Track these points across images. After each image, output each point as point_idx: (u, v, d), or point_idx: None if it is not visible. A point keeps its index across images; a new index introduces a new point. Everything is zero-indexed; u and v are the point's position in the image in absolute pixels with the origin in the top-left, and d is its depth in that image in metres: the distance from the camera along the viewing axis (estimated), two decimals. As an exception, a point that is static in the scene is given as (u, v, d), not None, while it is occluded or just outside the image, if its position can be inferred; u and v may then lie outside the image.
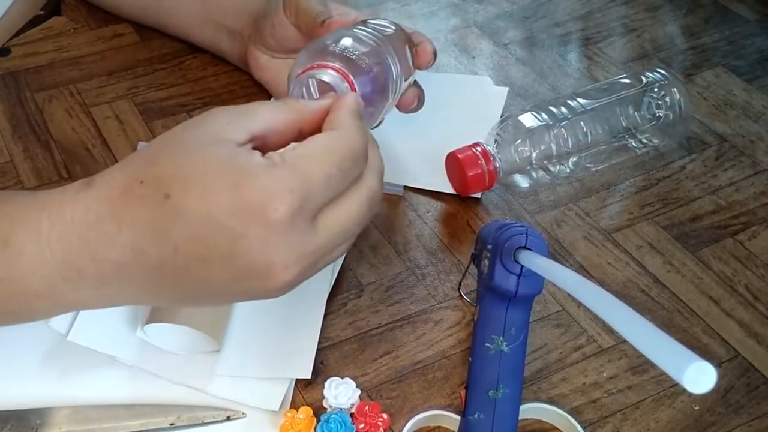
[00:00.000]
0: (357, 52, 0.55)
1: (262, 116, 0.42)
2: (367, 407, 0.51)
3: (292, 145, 0.41)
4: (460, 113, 0.75)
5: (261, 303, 0.57)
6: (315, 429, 0.50)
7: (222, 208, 0.37)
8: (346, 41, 0.56)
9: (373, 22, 0.62)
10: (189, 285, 0.40)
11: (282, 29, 0.68)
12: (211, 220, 0.38)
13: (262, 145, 0.42)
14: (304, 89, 0.54)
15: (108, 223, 0.39)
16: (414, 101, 0.66)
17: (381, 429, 0.51)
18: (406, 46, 0.63)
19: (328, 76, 0.52)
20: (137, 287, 0.41)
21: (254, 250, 0.38)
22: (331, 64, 0.53)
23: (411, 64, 0.63)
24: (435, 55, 0.65)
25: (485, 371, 0.49)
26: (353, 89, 0.52)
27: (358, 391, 0.52)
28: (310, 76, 0.53)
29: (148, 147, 0.41)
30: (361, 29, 0.59)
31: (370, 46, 0.57)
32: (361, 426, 0.51)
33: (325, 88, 0.53)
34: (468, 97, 0.78)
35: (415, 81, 0.66)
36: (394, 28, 0.63)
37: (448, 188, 0.67)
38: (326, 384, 0.52)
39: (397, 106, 0.66)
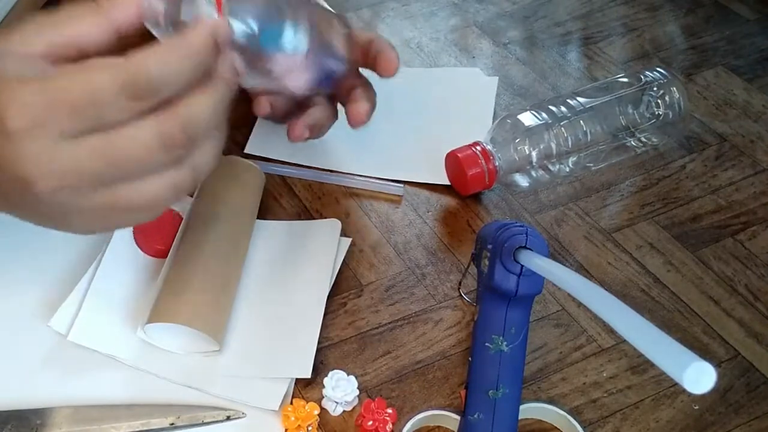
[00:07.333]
0: None
1: (69, 26, 0.41)
2: (372, 404, 0.51)
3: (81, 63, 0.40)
4: (452, 105, 0.76)
5: (261, 303, 0.57)
6: None
7: None
8: None
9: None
10: None
11: None
12: None
13: (76, 53, 0.41)
14: None
15: None
16: (363, 112, 0.61)
17: (389, 423, 0.51)
18: (332, 33, 0.55)
19: None
20: None
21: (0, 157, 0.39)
22: None
23: (336, 50, 0.55)
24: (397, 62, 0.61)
25: (485, 371, 0.49)
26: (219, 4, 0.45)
27: (356, 383, 0.52)
28: None
29: None
30: None
31: None
32: (369, 423, 0.51)
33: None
34: (459, 88, 0.78)
35: (369, 86, 0.62)
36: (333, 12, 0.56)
37: (445, 180, 0.68)
38: (328, 376, 0.52)
39: (349, 122, 0.62)
